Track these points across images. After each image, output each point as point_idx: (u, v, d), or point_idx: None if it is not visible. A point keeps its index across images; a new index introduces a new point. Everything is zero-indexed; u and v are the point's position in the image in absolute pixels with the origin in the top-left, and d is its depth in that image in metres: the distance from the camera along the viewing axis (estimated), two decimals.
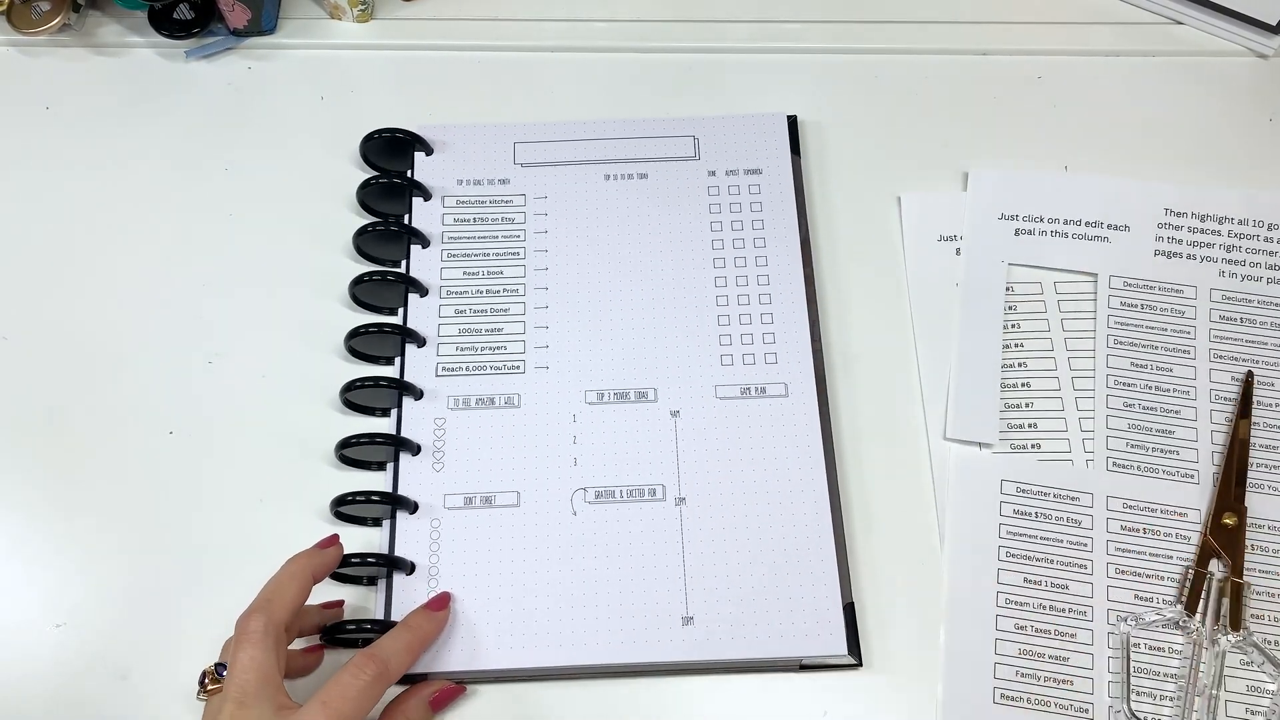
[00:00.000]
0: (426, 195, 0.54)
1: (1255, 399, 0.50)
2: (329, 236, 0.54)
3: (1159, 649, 0.45)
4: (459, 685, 0.44)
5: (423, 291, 0.52)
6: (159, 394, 0.51)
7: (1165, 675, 0.45)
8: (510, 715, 0.45)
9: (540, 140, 0.55)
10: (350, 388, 0.49)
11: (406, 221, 0.54)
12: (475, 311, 0.52)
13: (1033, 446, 0.49)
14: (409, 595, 0.46)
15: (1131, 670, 0.45)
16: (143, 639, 0.46)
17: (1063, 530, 0.48)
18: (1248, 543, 0.47)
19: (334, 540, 0.45)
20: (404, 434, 0.49)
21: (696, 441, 0.49)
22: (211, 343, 0.52)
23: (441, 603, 0.45)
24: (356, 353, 0.51)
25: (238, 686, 0.38)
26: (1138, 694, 0.45)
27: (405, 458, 0.48)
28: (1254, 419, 0.49)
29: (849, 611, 0.45)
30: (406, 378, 0.50)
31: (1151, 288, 0.53)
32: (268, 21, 0.59)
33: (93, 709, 0.45)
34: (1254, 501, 0.48)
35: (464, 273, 0.52)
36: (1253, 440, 0.49)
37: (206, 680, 0.40)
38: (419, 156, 0.55)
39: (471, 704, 0.45)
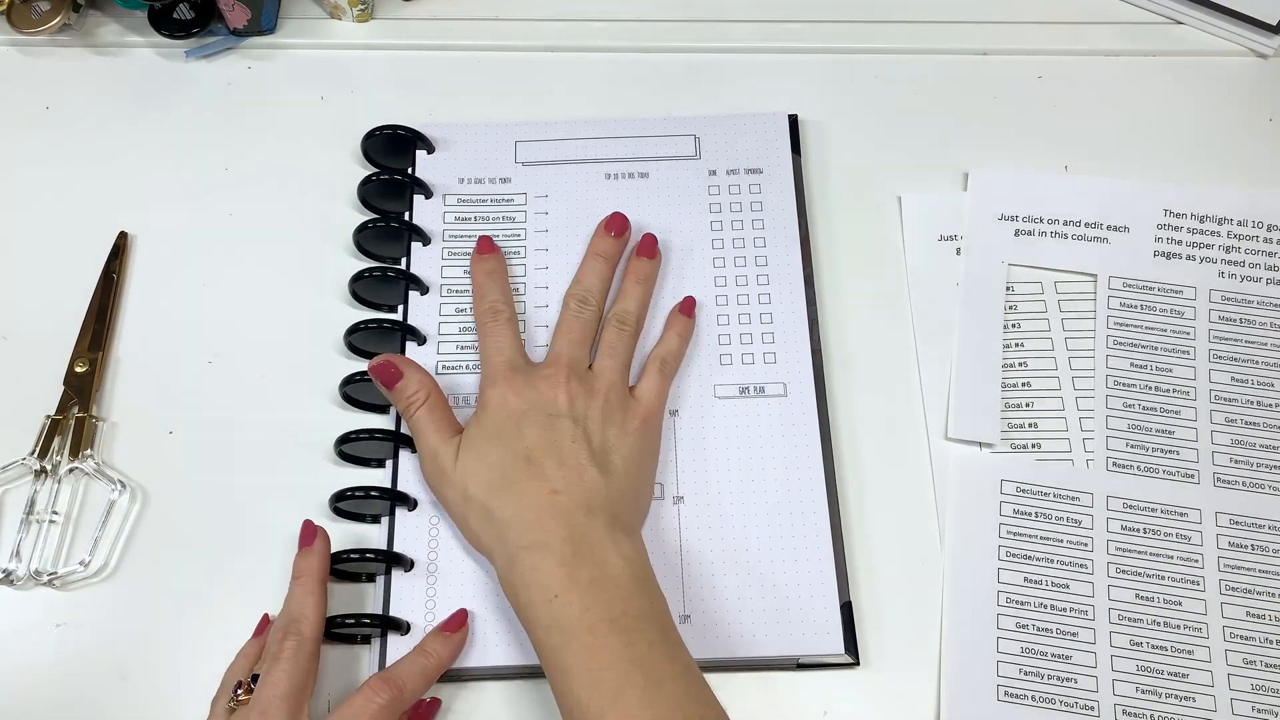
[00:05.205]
0: (428, 193, 0.54)
1: (1255, 399, 0.50)
2: (329, 234, 0.54)
3: None
4: (434, 700, 0.44)
5: (423, 289, 0.52)
6: (159, 394, 0.51)
7: None
8: (510, 713, 0.45)
9: (541, 139, 0.55)
10: (350, 382, 0.49)
11: (407, 219, 0.54)
12: None
13: (1033, 446, 0.49)
14: (408, 592, 0.46)
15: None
16: (143, 639, 0.46)
17: (1063, 530, 0.48)
18: (1246, 542, 0.47)
19: (313, 531, 0.45)
20: (403, 430, 0.49)
21: (695, 441, 0.49)
22: (211, 342, 0.52)
23: (457, 623, 0.44)
24: (356, 349, 0.51)
25: (264, 700, 0.40)
26: None
27: (405, 454, 0.48)
28: (1255, 419, 0.49)
29: (846, 611, 0.45)
30: None
31: (1151, 288, 0.53)
32: (268, 21, 0.59)
33: (93, 709, 0.45)
34: (1254, 501, 0.48)
35: (465, 271, 0.52)
36: (1253, 440, 0.49)
37: (240, 690, 0.41)
38: (420, 154, 0.55)
39: (471, 702, 0.45)
